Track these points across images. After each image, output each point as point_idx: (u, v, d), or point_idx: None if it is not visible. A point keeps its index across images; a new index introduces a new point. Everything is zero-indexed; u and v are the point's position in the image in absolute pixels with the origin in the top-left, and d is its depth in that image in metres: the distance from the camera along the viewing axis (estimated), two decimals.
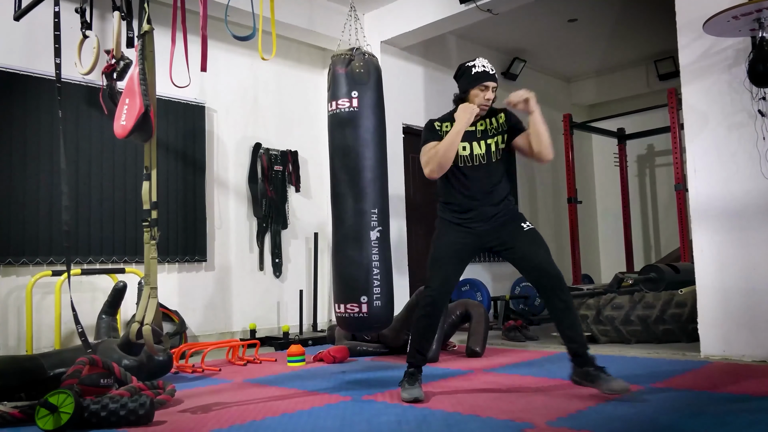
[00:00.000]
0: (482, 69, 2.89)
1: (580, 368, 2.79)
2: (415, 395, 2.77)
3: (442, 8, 5.50)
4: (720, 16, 3.44)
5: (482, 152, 2.92)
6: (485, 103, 2.89)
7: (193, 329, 5.07)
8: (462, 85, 2.96)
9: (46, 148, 4.40)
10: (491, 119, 2.99)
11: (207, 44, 3.08)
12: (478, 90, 2.89)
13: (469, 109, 2.87)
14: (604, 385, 2.69)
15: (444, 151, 2.84)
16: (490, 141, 2.94)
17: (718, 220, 3.87)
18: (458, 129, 2.85)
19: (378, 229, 3.14)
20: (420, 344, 2.92)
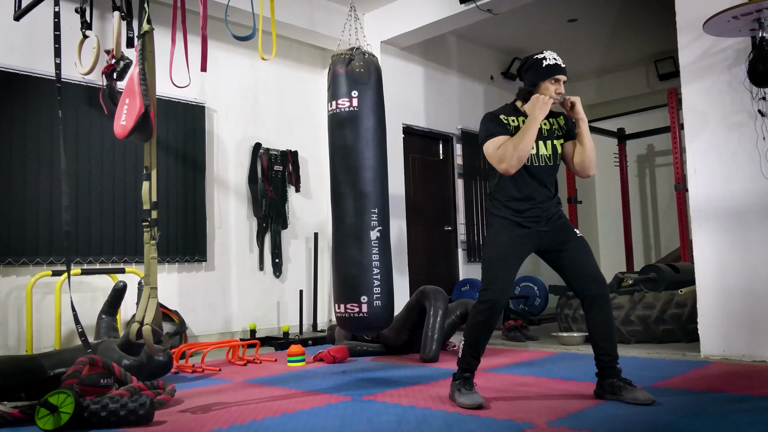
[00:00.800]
0: (554, 61, 2.78)
1: (605, 380, 2.72)
2: (478, 401, 2.63)
3: (442, 8, 5.50)
4: (720, 16, 3.44)
5: (549, 153, 2.80)
6: (556, 97, 2.77)
7: (193, 329, 5.07)
8: (531, 77, 2.81)
9: (46, 148, 4.40)
10: (554, 120, 2.89)
11: (207, 44, 3.09)
12: (549, 83, 2.76)
13: (544, 101, 2.72)
14: (628, 395, 2.63)
15: (524, 145, 2.65)
16: (556, 142, 2.84)
17: (718, 220, 3.87)
18: (536, 120, 2.69)
19: (378, 228, 3.14)
20: (477, 349, 2.76)
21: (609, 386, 2.70)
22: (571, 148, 2.86)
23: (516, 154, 2.65)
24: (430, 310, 4.15)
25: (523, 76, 2.88)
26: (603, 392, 2.73)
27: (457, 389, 2.74)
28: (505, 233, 2.77)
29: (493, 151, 2.72)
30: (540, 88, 2.77)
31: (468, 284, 6.32)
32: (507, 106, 2.90)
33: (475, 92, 7.19)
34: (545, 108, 2.71)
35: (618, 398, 2.66)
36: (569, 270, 2.78)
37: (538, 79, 2.78)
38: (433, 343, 4.05)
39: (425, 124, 6.53)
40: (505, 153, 2.67)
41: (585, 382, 3.15)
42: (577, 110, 2.79)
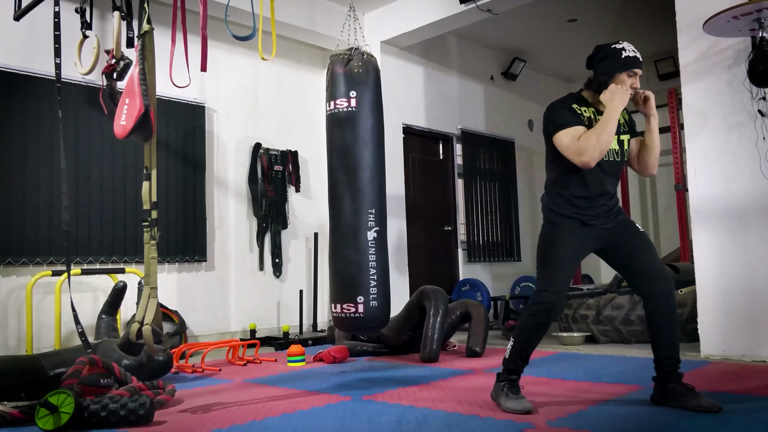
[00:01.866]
0: (633, 54, 2.62)
1: (665, 385, 2.58)
2: (526, 406, 2.51)
3: (442, 8, 5.50)
4: (720, 16, 3.44)
5: (617, 148, 2.66)
6: (632, 91, 2.62)
7: (193, 329, 5.07)
8: (607, 67, 2.63)
9: (46, 148, 4.40)
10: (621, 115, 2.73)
11: (207, 44, 3.09)
12: (626, 75, 2.60)
13: (623, 91, 2.55)
14: (692, 402, 2.49)
15: (607, 135, 2.49)
16: (623, 138, 2.70)
17: (718, 220, 3.87)
18: (617, 111, 2.53)
19: (375, 229, 3.13)
20: (526, 351, 2.62)
21: (671, 392, 2.55)
22: (635, 145, 2.75)
23: (599, 147, 2.49)
24: (430, 310, 4.15)
25: (595, 65, 2.68)
26: (663, 398, 2.58)
27: (503, 393, 2.61)
28: (569, 232, 2.61)
29: (571, 142, 2.53)
30: (617, 80, 2.60)
31: (468, 284, 6.32)
32: (572, 95, 2.72)
33: (475, 92, 7.19)
34: (625, 99, 2.56)
35: (680, 405, 2.51)
36: (631, 267, 2.63)
37: (615, 70, 2.61)
38: (433, 343, 4.05)
39: (425, 124, 6.53)
40: (587, 145, 2.49)
41: (585, 382, 3.15)
42: (650, 106, 2.66)
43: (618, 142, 2.67)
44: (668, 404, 2.55)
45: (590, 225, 2.62)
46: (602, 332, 4.65)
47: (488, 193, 7.19)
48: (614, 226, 2.65)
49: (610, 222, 2.64)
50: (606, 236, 2.64)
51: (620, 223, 2.66)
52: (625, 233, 2.65)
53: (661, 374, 2.59)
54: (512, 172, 7.53)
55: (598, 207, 2.62)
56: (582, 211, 2.62)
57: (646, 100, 2.67)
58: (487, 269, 7.00)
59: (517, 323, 2.69)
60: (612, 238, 2.65)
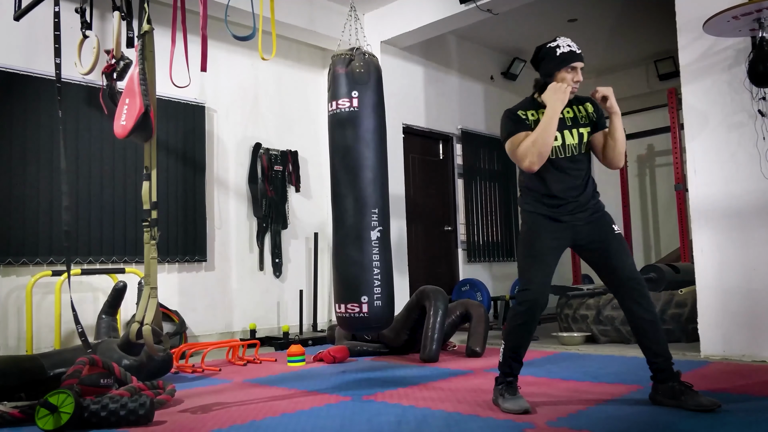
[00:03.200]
0: (568, 49, 2.61)
1: (663, 384, 2.57)
2: (524, 406, 2.52)
3: (442, 8, 5.50)
4: (720, 16, 3.44)
5: (575, 142, 2.66)
6: (574, 85, 2.62)
7: (193, 329, 5.07)
8: (546, 68, 2.66)
9: (46, 148, 4.40)
10: (579, 107, 2.73)
11: (207, 44, 3.09)
12: (565, 72, 2.61)
13: (561, 89, 2.57)
14: (691, 401, 2.47)
15: (542, 138, 2.53)
16: (582, 130, 2.69)
17: (718, 220, 3.87)
18: (555, 111, 2.55)
19: (378, 229, 3.13)
20: (518, 351, 2.64)
21: (668, 391, 2.54)
22: (600, 138, 2.72)
23: (536, 150, 2.53)
24: (430, 310, 4.14)
25: (538, 66, 2.73)
26: (662, 397, 2.58)
27: (500, 394, 2.63)
28: (539, 229, 2.64)
29: (514, 150, 2.61)
30: (556, 79, 2.63)
31: (468, 284, 6.32)
32: (525, 100, 2.76)
33: (475, 92, 7.19)
34: (563, 97, 2.57)
35: (679, 404, 2.50)
36: (604, 269, 2.66)
37: (553, 69, 2.63)
38: (433, 343, 4.05)
39: (425, 124, 6.53)
40: (524, 150, 2.56)
41: (585, 382, 3.15)
42: (610, 104, 2.63)
43: (578, 135, 2.67)
44: (667, 403, 2.54)
45: (561, 221, 2.64)
46: (602, 332, 4.65)
47: (488, 193, 7.19)
48: (588, 224, 2.66)
49: (583, 218, 2.65)
50: (580, 232, 2.66)
51: (595, 221, 2.67)
52: (599, 233, 2.66)
53: (656, 373, 2.60)
54: (512, 172, 7.53)
55: (567, 203, 2.64)
56: (550, 209, 2.64)
57: (604, 99, 2.66)
58: (487, 269, 7.00)
59: (504, 326, 2.67)
60: (587, 235, 2.66)
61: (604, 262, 2.64)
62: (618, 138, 2.66)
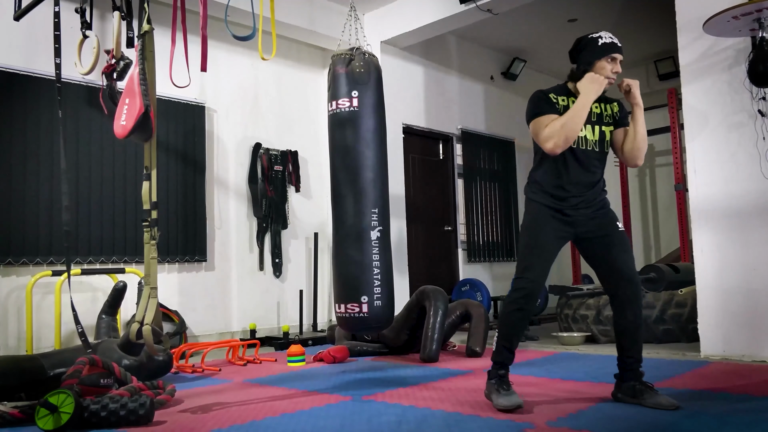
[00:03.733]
0: (610, 40, 2.64)
1: (626, 383, 2.64)
2: (516, 402, 2.53)
3: (442, 8, 5.50)
4: (720, 16, 3.44)
5: (595, 138, 2.68)
6: (612, 76, 2.64)
7: (193, 329, 5.07)
8: (586, 56, 2.67)
9: (46, 148, 4.40)
10: (606, 105, 2.76)
11: (207, 44, 3.08)
12: (605, 62, 2.63)
13: (599, 79, 2.59)
14: (650, 400, 2.54)
15: (572, 123, 2.53)
16: (605, 129, 2.72)
17: (718, 220, 3.87)
18: (588, 99, 2.56)
19: (378, 228, 3.13)
20: (511, 341, 2.65)
21: (629, 389, 2.62)
22: (621, 135, 2.74)
23: (564, 133, 2.53)
24: (430, 310, 4.14)
25: (576, 57, 2.74)
26: (623, 395, 2.64)
27: (494, 389, 2.64)
28: (543, 220, 2.65)
29: (540, 129, 2.60)
30: (595, 68, 2.64)
31: (468, 284, 6.32)
32: (558, 86, 2.77)
33: (475, 92, 7.19)
34: (599, 87, 2.59)
35: (638, 402, 2.57)
36: (603, 265, 2.67)
37: (593, 58, 2.65)
38: (433, 343, 4.05)
39: (425, 124, 6.53)
40: (552, 131, 2.55)
41: (585, 382, 3.15)
42: (634, 94, 2.67)
43: (599, 132, 2.69)
44: (627, 401, 2.61)
45: (566, 214, 2.65)
46: (602, 332, 4.65)
47: (488, 193, 7.19)
48: (592, 218, 2.67)
49: (588, 213, 2.66)
50: (583, 227, 2.67)
51: (600, 218, 2.68)
52: (602, 228, 2.67)
53: (622, 372, 2.66)
54: (512, 172, 7.53)
55: (574, 197, 2.65)
56: (557, 201, 2.65)
57: (630, 89, 2.69)
58: (487, 269, 7.00)
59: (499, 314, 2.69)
60: (590, 230, 2.67)
61: (605, 257, 2.66)
62: (639, 131, 2.68)
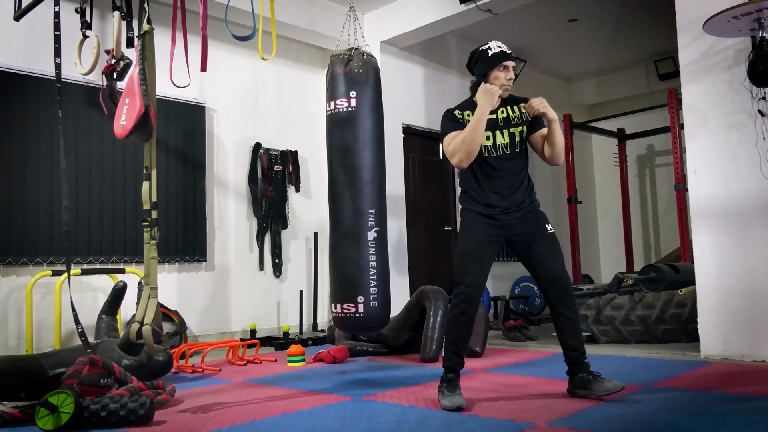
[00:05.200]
0: (499, 49, 2.77)
1: (576, 376, 2.77)
2: (458, 403, 2.62)
3: (442, 8, 5.50)
4: (720, 16, 3.44)
5: (506, 142, 2.79)
6: (507, 84, 2.77)
7: (193, 329, 5.07)
8: (479, 69, 2.81)
9: (46, 148, 4.40)
10: (513, 107, 2.86)
11: (207, 44, 3.09)
12: (498, 71, 2.76)
13: (492, 90, 2.70)
14: (598, 388, 2.69)
15: (470, 137, 2.67)
16: (514, 130, 2.82)
17: (718, 220, 3.87)
18: (482, 111, 2.69)
19: (375, 229, 3.14)
20: (457, 345, 2.75)
21: (579, 381, 2.75)
22: (539, 140, 2.86)
23: (464, 148, 2.67)
24: (430, 310, 4.15)
25: (472, 69, 2.88)
26: (575, 388, 2.78)
27: (440, 391, 2.73)
28: (474, 226, 2.79)
29: (446, 147, 2.76)
30: (490, 78, 2.77)
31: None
32: (465, 101, 2.91)
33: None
34: (491, 97, 2.70)
35: (589, 392, 2.71)
36: (536, 267, 2.80)
37: (486, 70, 2.78)
38: (433, 343, 4.05)
39: (425, 124, 6.53)
40: (454, 147, 2.70)
41: None
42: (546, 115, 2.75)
43: (509, 135, 2.81)
44: (580, 393, 2.74)
45: (495, 219, 2.78)
46: (602, 332, 4.65)
47: None
48: (521, 221, 2.79)
49: (516, 216, 2.78)
50: (513, 230, 2.79)
51: (529, 220, 2.81)
52: (532, 231, 2.80)
53: (571, 366, 2.79)
54: None
55: (500, 202, 2.77)
56: (485, 207, 2.78)
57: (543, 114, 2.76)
58: None
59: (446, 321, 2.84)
60: (519, 233, 2.80)
61: (534, 258, 2.79)
62: (556, 141, 2.80)
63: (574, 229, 6.85)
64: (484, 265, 2.77)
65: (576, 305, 2.80)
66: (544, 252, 2.78)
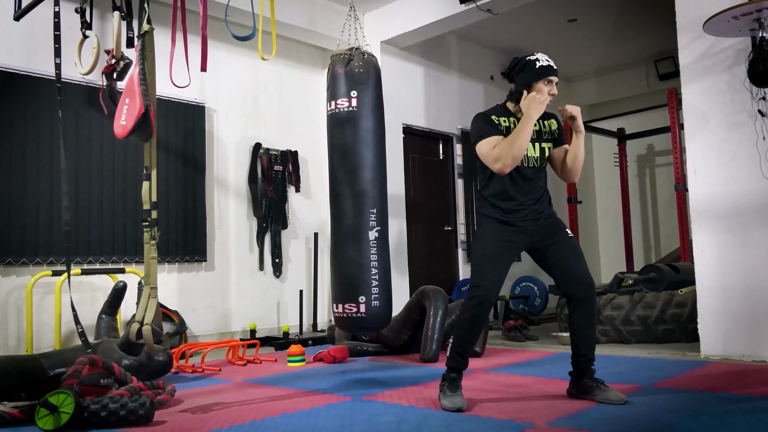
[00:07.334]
0: (547, 63, 2.77)
1: (579, 380, 2.77)
2: (458, 404, 2.62)
3: (442, 8, 5.50)
4: (720, 16, 3.44)
5: (536, 155, 2.81)
6: (549, 98, 2.76)
7: (193, 329, 5.07)
8: (524, 78, 2.79)
9: (46, 148, 4.40)
10: (545, 122, 2.88)
11: (207, 44, 3.08)
12: (543, 84, 2.74)
13: (540, 99, 2.68)
14: (600, 395, 2.68)
15: (519, 143, 2.63)
16: (545, 145, 2.85)
17: (718, 220, 3.87)
18: (532, 118, 2.66)
19: (377, 229, 3.13)
20: (464, 347, 2.76)
21: (582, 386, 2.76)
22: (560, 153, 2.87)
23: (511, 154, 2.63)
24: (430, 310, 4.15)
25: (514, 77, 2.87)
26: (576, 392, 2.78)
27: (441, 390, 2.74)
28: (493, 232, 2.79)
29: (488, 151, 2.71)
30: (533, 89, 2.75)
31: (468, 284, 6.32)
32: (498, 106, 2.90)
33: (475, 92, 7.19)
34: (540, 107, 2.69)
35: (590, 398, 2.70)
36: (556, 269, 2.78)
37: (531, 80, 2.76)
38: (433, 343, 4.05)
39: (425, 124, 6.53)
40: (501, 152, 2.65)
41: None
42: (576, 124, 2.78)
43: (539, 149, 2.82)
44: (580, 397, 2.75)
45: (514, 225, 2.77)
46: (602, 332, 4.65)
47: None
48: (540, 228, 2.80)
49: (535, 224, 2.79)
50: (532, 236, 2.80)
51: (548, 227, 2.81)
52: (552, 236, 2.80)
53: (576, 370, 2.78)
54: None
55: (522, 210, 2.77)
56: (505, 214, 2.78)
57: (572, 119, 2.78)
58: None
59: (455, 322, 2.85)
60: (540, 239, 2.80)
61: (559, 261, 2.78)
62: (578, 155, 2.82)
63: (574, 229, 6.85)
64: (501, 271, 2.75)
65: (596, 311, 2.77)
66: (569, 255, 2.76)
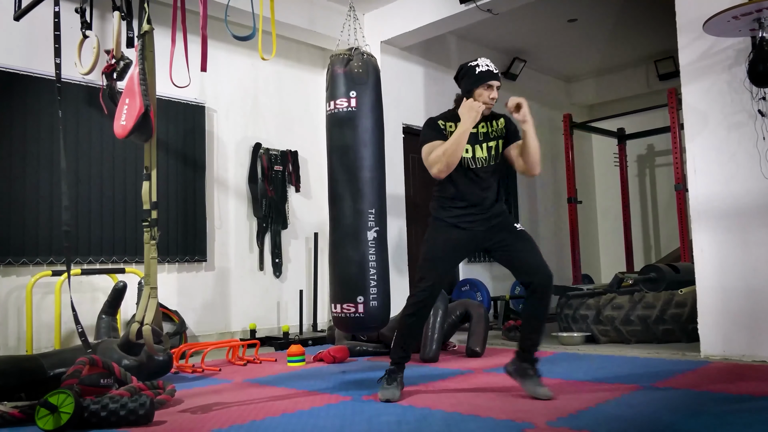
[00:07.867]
0: (486, 68, 2.87)
1: (521, 362, 2.84)
2: (388, 396, 2.79)
3: (442, 8, 5.50)
4: (720, 16, 3.44)
5: (484, 155, 2.90)
6: (490, 102, 2.87)
7: (193, 329, 5.07)
8: (465, 84, 2.92)
9: (46, 148, 4.40)
10: (492, 122, 2.97)
11: (207, 44, 3.09)
12: (482, 89, 2.86)
13: (475, 107, 2.80)
14: (530, 387, 2.76)
15: (453, 150, 2.77)
16: (491, 144, 2.93)
17: (718, 220, 3.87)
18: (466, 127, 2.79)
19: (375, 229, 3.14)
20: (405, 342, 2.92)
21: (521, 369, 2.82)
22: (513, 150, 2.92)
23: (444, 159, 2.76)
24: None
25: (459, 83, 2.97)
26: (513, 371, 2.86)
27: (379, 381, 2.87)
28: (439, 234, 2.89)
29: (426, 156, 2.87)
30: (474, 95, 2.86)
31: (468, 284, 6.32)
32: (448, 111, 3.00)
33: None
34: (474, 115, 2.78)
35: (521, 383, 2.81)
36: (514, 262, 2.85)
37: (471, 86, 2.87)
38: (433, 343, 4.05)
39: None
40: (434, 158, 2.80)
41: (585, 382, 3.15)
42: (522, 113, 2.80)
43: (487, 149, 2.90)
44: (513, 377, 2.85)
45: (461, 228, 2.86)
46: (602, 332, 4.65)
47: None
48: (488, 229, 2.87)
49: (483, 225, 2.86)
50: (482, 239, 2.88)
51: (496, 226, 2.88)
52: (502, 235, 2.87)
53: (520, 350, 2.86)
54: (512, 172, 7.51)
55: (471, 212, 2.86)
56: (453, 217, 2.87)
57: (518, 108, 2.81)
58: (487, 269, 7.00)
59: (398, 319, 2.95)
60: (491, 240, 2.88)
61: (514, 255, 2.85)
62: (530, 146, 2.84)
63: (574, 229, 6.86)
64: (444, 273, 2.88)
65: (549, 302, 2.82)
66: (523, 247, 2.84)
